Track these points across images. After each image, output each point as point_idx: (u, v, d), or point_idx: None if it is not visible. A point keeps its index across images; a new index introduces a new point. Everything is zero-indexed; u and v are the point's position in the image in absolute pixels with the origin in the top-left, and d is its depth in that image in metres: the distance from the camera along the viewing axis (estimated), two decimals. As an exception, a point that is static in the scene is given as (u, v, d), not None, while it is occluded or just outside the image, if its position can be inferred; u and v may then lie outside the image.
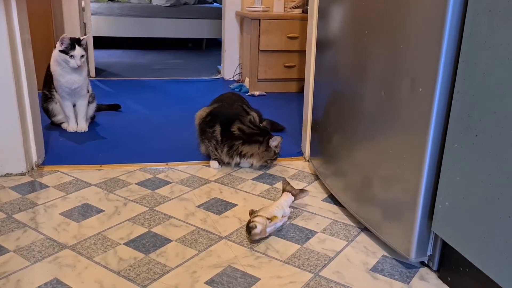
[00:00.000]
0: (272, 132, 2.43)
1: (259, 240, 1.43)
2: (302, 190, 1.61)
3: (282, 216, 1.49)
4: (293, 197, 1.58)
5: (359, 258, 1.36)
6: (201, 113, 2.10)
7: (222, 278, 1.24)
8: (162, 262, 1.31)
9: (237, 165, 2.04)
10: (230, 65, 4.06)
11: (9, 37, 1.75)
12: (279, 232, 1.49)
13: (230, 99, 2.16)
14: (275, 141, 1.99)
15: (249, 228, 1.41)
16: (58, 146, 2.26)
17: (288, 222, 1.56)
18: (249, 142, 1.97)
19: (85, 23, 3.87)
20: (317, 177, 1.96)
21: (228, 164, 2.05)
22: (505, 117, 0.95)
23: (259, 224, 1.40)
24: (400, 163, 1.26)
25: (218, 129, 1.99)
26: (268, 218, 1.43)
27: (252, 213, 1.49)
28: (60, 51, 2.29)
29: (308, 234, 1.49)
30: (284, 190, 1.61)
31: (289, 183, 1.63)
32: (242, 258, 1.35)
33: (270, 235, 1.46)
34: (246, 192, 1.80)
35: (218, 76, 4.20)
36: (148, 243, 1.41)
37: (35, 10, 3.15)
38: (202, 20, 5.92)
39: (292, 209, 1.61)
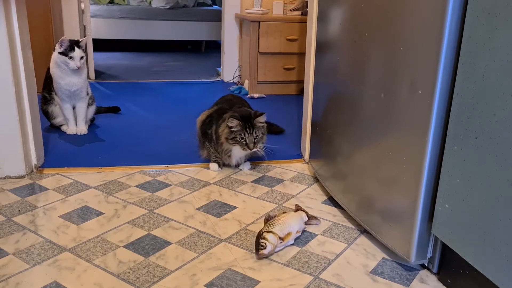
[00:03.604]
0: (272, 134, 2.44)
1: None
2: (315, 217, 1.57)
3: (296, 232, 1.43)
4: (307, 218, 1.53)
5: (359, 261, 1.36)
6: (201, 117, 2.13)
7: (221, 281, 1.24)
8: (161, 265, 1.31)
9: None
10: (230, 67, 4.06)
11: (9, 39, 1.75)
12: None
13: (230, 101, 2.17)
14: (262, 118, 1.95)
15: (258, 245, 1.33)
16: (58, 148, 2.25)
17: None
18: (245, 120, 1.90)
19: (84, 26, 3.87)
20: (316, 179, 1.96)
21: (236, 166, 2.06)
22: (505, 119, 0.95)
23: (270, 245, 1.32)
24: (400, 165, 1.26)
25: (213, 128, 2.01)
26: (280, 238, 1.36)
27: (268, 220, 1.41)
28: (60, 53, 2.29)
29: (307, 237, 1.49)
30: (296, 210, 1.55)
31: (301, 207, 1.57)
32: (242, 260, 1.34)
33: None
34: (245, 194, 1.80)
35: (218, 78, 4.20)
36: (148, 245, 1.41)
37: (35, 12, 3.16)
38: (202, 23, 5.92)
39: (305, 226, 1.53)
